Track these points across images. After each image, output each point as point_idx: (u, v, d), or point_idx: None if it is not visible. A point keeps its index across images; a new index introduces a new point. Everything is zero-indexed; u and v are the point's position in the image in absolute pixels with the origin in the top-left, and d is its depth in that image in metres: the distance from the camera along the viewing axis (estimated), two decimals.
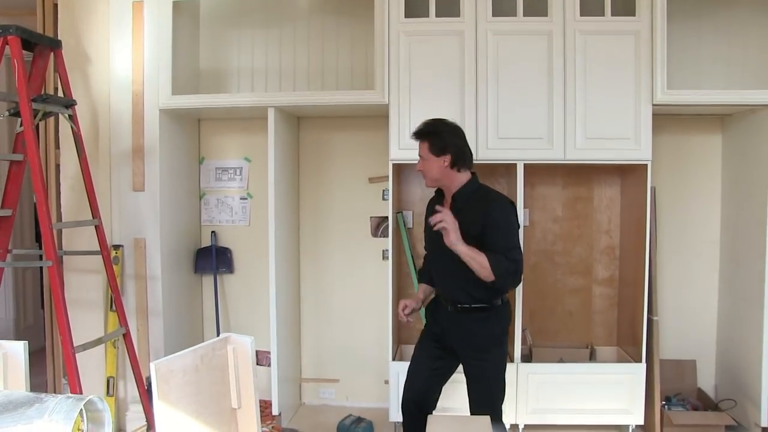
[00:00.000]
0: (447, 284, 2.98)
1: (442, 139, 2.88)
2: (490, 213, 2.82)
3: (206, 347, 1.98)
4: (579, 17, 3.67)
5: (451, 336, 2.97)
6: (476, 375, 2.96)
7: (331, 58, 4.34)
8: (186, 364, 1.90)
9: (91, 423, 1.61)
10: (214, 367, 2.00)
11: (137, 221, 3.93)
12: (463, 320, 2.91)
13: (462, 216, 2.79)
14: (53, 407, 1.50)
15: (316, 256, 4.47)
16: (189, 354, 1.92)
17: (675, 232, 4.23)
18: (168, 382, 1.81)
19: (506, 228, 2.84)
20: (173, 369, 1.84)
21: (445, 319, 2.98)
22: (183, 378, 1.87)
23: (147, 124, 3.90)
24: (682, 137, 4.20)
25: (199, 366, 1.94)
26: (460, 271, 2.80)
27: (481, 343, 2.93)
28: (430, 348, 3.07)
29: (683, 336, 4.25)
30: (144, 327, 3.93)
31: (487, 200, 2.89)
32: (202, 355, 1.96)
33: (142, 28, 3.87)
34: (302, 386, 4.52)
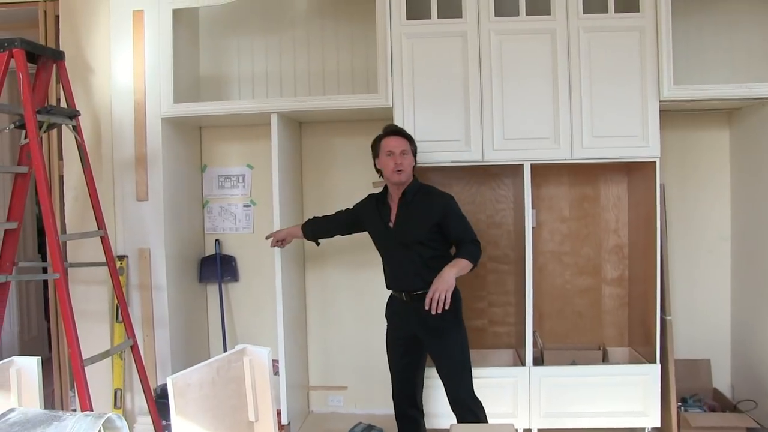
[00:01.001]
0: (403, 275, 3.25)
1: (414, 143, 3.35)
2: (447, 204, 3.23)
3: (222, 360, 1.94)
4: (582, 15, 3.64)
5: (411, 324, 3.24)
6: (442, 352, 3.22)
7: (331, 61, 4.32)
8: (202, 377, 1.86)
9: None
10: (231, 379, 1.96)
11: (141, 231, 3.89)
12: (420, 306, 3.09)
13: (413, 208, 3.21)
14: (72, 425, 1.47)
15: (322, 262, 4.43)
16: (205, 367, 1.89)
17: (684, 230, 4.20)
18: (185, 396, 1.78)
19: (460, 215, 3.26)
20: (190, 383, 1.80)
21: (403, 310, 3.27)
22: (200, 392, 1.84)
23: (149, 133, 3.87)
24: (690, 133, 4.16)
25: (216, 379, 1.91)
26: (413, 262, 3.17)
27: (440, 324, 3.16)
28: (395, 348, 3.37)
29: (696, 335, 4.19)
30: (150, 337, 3.89)
31: (439, 195, 3.29)
32: (218, 367, 1.92)
33: (142, 37, 3.84)
34: (310, 394, 4.48)
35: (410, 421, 3.43)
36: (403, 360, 3.35)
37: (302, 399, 4.34)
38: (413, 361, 3.35)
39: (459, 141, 3.73)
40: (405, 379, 3.38)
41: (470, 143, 3.71)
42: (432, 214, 3.18)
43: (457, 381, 3.21)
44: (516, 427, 3.78)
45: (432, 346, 3.25)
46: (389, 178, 3.26)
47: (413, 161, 3.29)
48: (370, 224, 3.41)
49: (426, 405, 3.58)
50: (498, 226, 4.25)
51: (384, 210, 3.31)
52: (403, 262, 3.23)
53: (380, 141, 3.31)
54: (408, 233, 3.21)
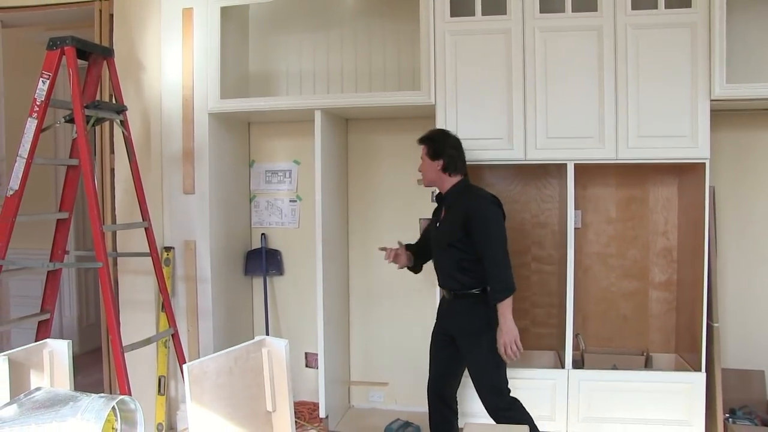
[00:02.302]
0: (440, 275, 3.35)
1: (438, 145, 3.26)
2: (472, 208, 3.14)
3: (240, 350, 1.98)
4: (630, 11, 3.54)
5: (449, 322, 3.30)
6: (471, 358, 3.22)
7: (378, 60, 4.33)
8: (219, 366, 1.90)
9: (124, 422, 1.63)
10: (249, 369, 2.00)
11: (187, 223, 4.00)
12: (459, 305, 3.22)
13: (451, 210, 3.23)
14: (85, 406, 1.53)
15: (366, 258, 4.45)
16: (223, 356, 1.93)
17: (738, 234, 4.03)
18: (201, 384, 1.82)
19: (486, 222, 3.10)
20: (206, 371, 1.85)
21: (447, 308, 3.33)
22: (216, 380, 1.88)
23: (196, 128, 3.98)
24: (744, 133, 3.98)
25: (233, 368, 1.95)
26: (450, 263, 3.22)
27: (473, 327, 3.18)
28: (437, 341, 3.41)
29: (750, 344, 4.01)
30: (194, 328, 3.99)
31: (470, 197, 3.21)
32: (236, 357, 1.96)
33: (191, 34, 3.94)
34: (351, 389, 4.51)
35: (441, 415, 3.42)
36: (442, 352, 3.36)
37: (342, 393, 4.38)
38: (452, 356, 3.33)
39: (501, 139, 3.69)
40: (440, 373, 3.40)
41: (513, 141, 3.66)
42: (459, 217, 3.15)
43: (479, 385, 3.21)
44: (554, 430, 3.73)
45: (462, 347, 3.26)
46: None
47: (435, 165, 3.24)
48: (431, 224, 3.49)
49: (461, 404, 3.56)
50: (543, 226, 4.19)
51: (438, 212, 3.40)
52: (441, 263, 3.32)
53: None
54: (443, 235, 3.26)
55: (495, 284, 3.06)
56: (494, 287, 3.07)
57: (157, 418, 3.92)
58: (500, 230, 3.12)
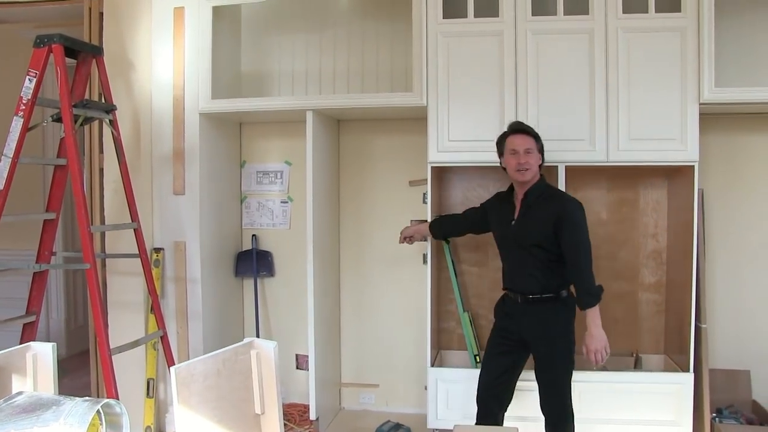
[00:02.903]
0: (518, 276, 3.17)
1: (540, 140, 3.20)
2: (565, 209, 3.07)
3: (229, 352, 1.97)
4: (621, 14, 3.55)
5: (522, 327, 3.15)
6: (545, 363, 3.12)
7: (370, 61, 4.32)
8: (207, 368, 1.89)
9: (110, 426, 1.61)
10: (237, 371, 1.99)
11: (178, 224, 3.98)
12: (535, 310, 3.10)
13: (535, 209, 3.11)
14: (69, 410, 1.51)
15: (357, 259, 4.45)
16: (210, 358, 1.92)
17: (726, 236, 4.05)
18: (188, 387, 1.81)
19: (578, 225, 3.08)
20: (194, 373, 1.84)
21: (517, 312, 3.17)
22: (204, 383, 1.87)
23: (187, 128, 3.96)
24: (733, 137, 4.01)
25: (221, 370, 1.93)
26: (531, 263, 3.09)
27: (551, 332, 3.10)
28: (498, 345, 3.25)
29: (737, 344, 4.05)
30: (184, 330, 3.97)
31: (561, 197, 3.20)
32: (224, 359, 1.95)
33: (183, 34, 3.93)
34: (342, 391, 4.50)
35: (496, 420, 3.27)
36: (504, 359, 3.22)
37: (333, 395, 4.37)
38: (511, 365, 3.23)
39: (492, 141, 3.64)
40: (496, 382, 3.23)
41: None
42: (549, 219, 3.05)
43: (550, 390, 3.12)
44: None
45: (539, 351, 3.14)
46: (513, 177, 3.17)
47: (540, 159, 3.17)
48: (495, 222, 3.34)
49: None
50: None
51: (508, 208, 3.24)
52: (519, 263, 3.16)
53: (504, 139, 3.22)
54: (526, 234, 3.11)
55: (585, 289, 3.02)
56: (585, 292, 3.02)
57: (146, 421, 3.90)
58: (588, 236, 3.10)
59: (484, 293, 4.26)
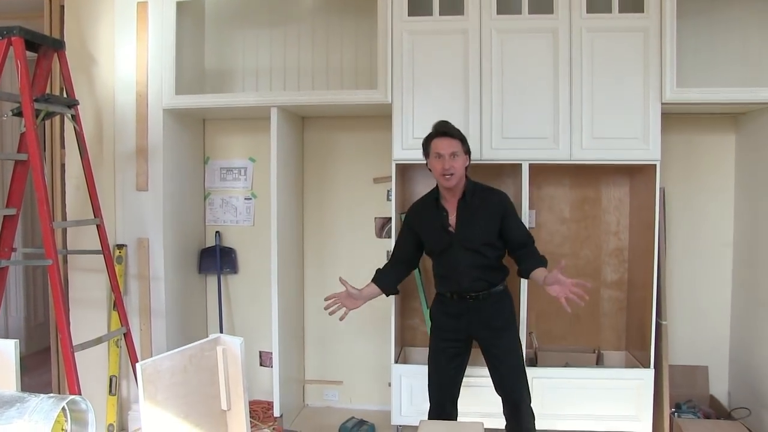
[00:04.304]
0: (465, 278, 3.14)
1: (466, 140, 3.17)
2: (504, 203, 3.19)
3: (195, 348, 1.95)
4: (585, 14, 3.60)
5: (472, 325, 3.17)
6: (501, 353, 3.19)
7: (335, 57, 4.32)
8: (174, 364, 1.87)
9: (75, 423, 1.59)
10: (203, 368, 1.98)
11: (141, 221, 3.93)
12: (486, 306, 3.15)
13: (474, 209, 3.12)
14: (34, 407, 1.48)
15: (321, 256, 4.45)
16: (177, 354, 1.90)
17: (687, 234, 4.15)
18: (155, 383, 1.79)
19: (516, 213, 3.27)
20: (160, 370, 1.82)
21: (465, 312, 3.17)
22: (171, 379, 1.85)
23: (151, 124, 3.90)
24: (694, 137, 4.11)
25: (188, 367, 1.92)
26: (480, 262, 3.11)
27: (506, 322, 3.22)
28: (445, 348, 3.24)
29: (696, 341, 4.15)
30: (147, 327, 3.92)
31: (497, 193, 3.22)
32: (190, 355, 1.94)
33: (146, 29, 3.87)
34: (306, 388, 4.50)
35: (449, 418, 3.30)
36: (452, 363, 3.23)
37: (297, 392, 4.36)
38: (461, 364, 3.27)
39: None
40: (452, 383, 3.26)
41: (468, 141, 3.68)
42: (494, 215, 3.12)
43: (518, 386, 3.18)
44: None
45: (491, 348, 3.19)
46: (438, 182, 3.15)
47: (466, 161, 3.13)
48: (427, 230, 3.21)
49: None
50: None
51: (439, 214, 3.16)
52: (465, 265, 3.12)
53: (429, 141, 3.15)
54: (474, 236, 3.10)
55: (540, 255, 3.17)
56: (541, 257, 3.17)
57: (108, 419, 3.84)
58: None
59: None
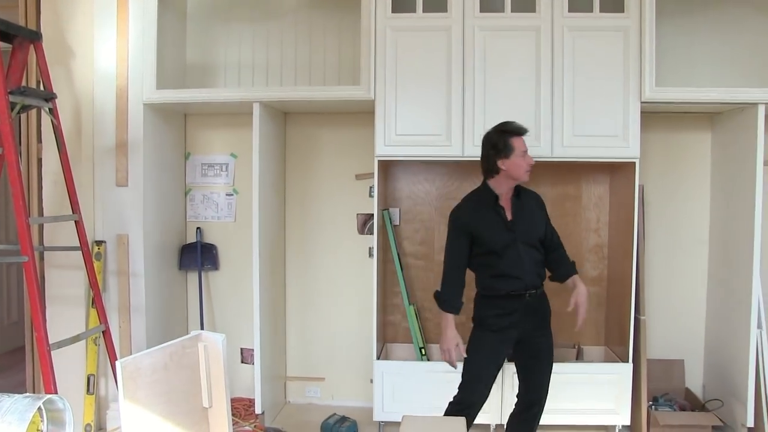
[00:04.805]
0: (527, 274, 3.10)
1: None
2: (542, 202, 3.29)
3: (176, 345, 1.94)
4: (567, 13, 3.63)
5: (527, 323, 3.11)
6: (547, 348, 3.19)
7: (318, 53, 4.30)
8: (155, 362, 1.85)
9: (51, 423, 1.57)
10: (185, 365, 1.96)
11: (120, 217, 3.88)
12: (539, 304, 3.15)
13: (526, 207, 3.16)
14: (8, 407, 1.46)
15: (303, 253, 4.43)
16: (158, 352, 1.88)
17: (665, 231, 4.20)
18: (135, 381, 1.77)
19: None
20: (141, 367, 1.80)
21: (523, 311, 3.09)
22: (151, 376, 1.83)
23: (131, 119, 3.85)
24: (672, 135, 4.16)
25: (169, 364, 1.90)
26: (536, 258, 3.13)
27: (548, 321, 3.23)
28: (501, 352, 3.17)
29: (672, 335, 4.22)
30: (126, 324, 3.88)
31: (532, 192, 3.27)
32: (171, 352, 1.92)
33: (126, 22, 3.82)
34: (288, 384, 4.48)
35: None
36: (500, 363, 3.20)
37: (279, 389, 4.34)
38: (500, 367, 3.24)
39: (440, 136, 3.72)
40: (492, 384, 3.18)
41: (451, 138, 3.71)
42: (541, 212, 3.24)
43: (547, 383, 3.19)
44: (490, 422, 3.80)
45: (535, 345, 3.16)
46: (518, 178, 3.07)
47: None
48: (488, 228, 3.10)
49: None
50: None
51: (496, 211, 3.10)
52: (526, 261, 3.09)
53: (507, 140, 3.06)
54: (532, 232, 3.13)
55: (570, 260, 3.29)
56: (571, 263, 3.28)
57: (86, 419, 3.79)
58: None
59: (429, 286, 4.28)
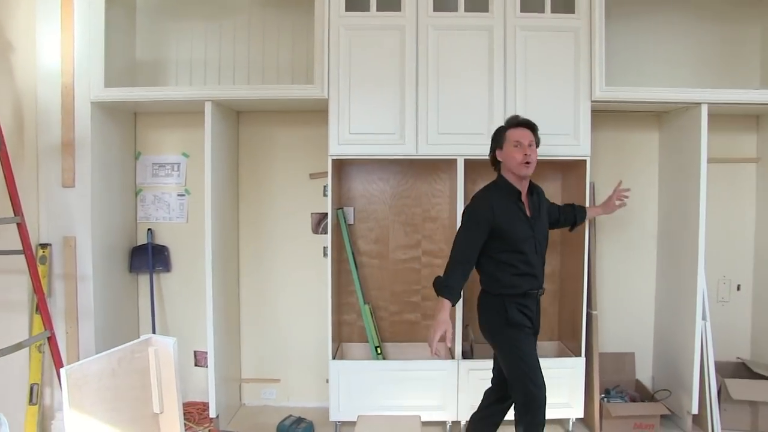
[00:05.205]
0: (540, 272, 3.10)
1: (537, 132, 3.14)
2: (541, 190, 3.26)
3: (124, 350, 1.89)
4: (519, 13, 3.68)
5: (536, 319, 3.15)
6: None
7: (271, 52, 4.25)
8: (102, 368, 1.80)
9: None
10: (134, 370, 1.91)
11: (67, 219, 3.77)
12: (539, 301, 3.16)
13: (538, 203, 3.14)
14: None
15: (257, 254, 4.38)
16: (105, 358, 1.83)
17: (615, 228, 4.28)
18: (81, 389, 1.72)
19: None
20: (87, 374, 1.75)
21: (534, 307, 3.11)
22: (98, 383, 1.78)
23: (78, 118, 3.75)
24: (622, 134, 4.26)
25: (117, 370, 1.85)
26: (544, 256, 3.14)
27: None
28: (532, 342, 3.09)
29: (623, 329, 4.33)
30: (74, 330, 3.77)
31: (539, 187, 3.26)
32: (120, 358, 1.87)
33: (71, 16, 3.70)
34: (243, 387, 4.42)
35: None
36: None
37: (233, 392, 4.28)
38: None
39: (394, 134, 3.72)
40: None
41: (405, 137, 3.71)
42: (545, 205, 3.25)
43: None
44: (446, 419, 3.81)
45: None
46: (515, 171, 3.03)
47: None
48: (512, 222, 3.00)
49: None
50: (433, 220, 4.26)
51: (518, 206, 3.04)
52: (541, 259, 3.09)
53: (505, 131, 3.09)
54: (544, 230, 3.15)
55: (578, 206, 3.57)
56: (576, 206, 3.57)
57: (28, 430, 3.66)
58: None
59: (384, 285, 4.30)
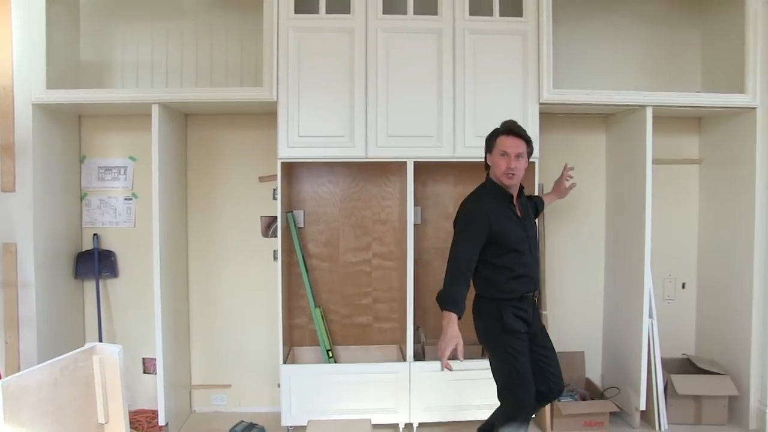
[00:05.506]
0: (536, 272, 3.14)
1: (531, 143, 3.10)
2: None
3: (67, 359, 1.84)
4: (468, 16, 3.71)
5: (535, 320, 3.17)
6: (550, 347, 3.23)
7: (219, 54, 4.21)
8: (42, 379, 1.75)
9: None
10: (77, 380, 1.86)
11: (7, 224, 3.65)
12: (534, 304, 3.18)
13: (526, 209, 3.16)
14: None
15: (206, 258, 4.32)
16: (47, 368, 1.78)
17: (565, 228, 4.36)
18: (19, 401, 1.67)
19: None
20: (25, 386, 1.70)
21: (531, 309, 3.12)
22: (38, 395, 1.73)
23: (18, 120, 3.64)
24: (570, 135, 4.34)
25: (59, 380, 1.80)
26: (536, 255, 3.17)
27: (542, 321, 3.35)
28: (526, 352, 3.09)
29: (573, 328, 4.41)
30: (14, 339, 3.65)
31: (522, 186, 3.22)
32: (62, 368, 1.82)
33: (9, 14, 3.59)
34: (193, 393, 4.36)
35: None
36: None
37: (183, 398, 4.22)
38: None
39: (343, 137, 3.72)
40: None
41: (354, 139, 3.71)
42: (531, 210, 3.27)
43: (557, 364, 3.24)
44: (398, 421, 3.82)
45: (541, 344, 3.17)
46: (499, 179, 3.03)
47: (527, 164, 3.05)
48: (507, 226, 3.01)
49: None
50: (383, 223, 4.27)
51: (510, 209, 3.06)
52: (533, 261, 3.10)
53: (496, 137, 3.05)
54: (534, 229, 3.18)
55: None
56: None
57: None
58: None
59: (335, 288, 4.29)
